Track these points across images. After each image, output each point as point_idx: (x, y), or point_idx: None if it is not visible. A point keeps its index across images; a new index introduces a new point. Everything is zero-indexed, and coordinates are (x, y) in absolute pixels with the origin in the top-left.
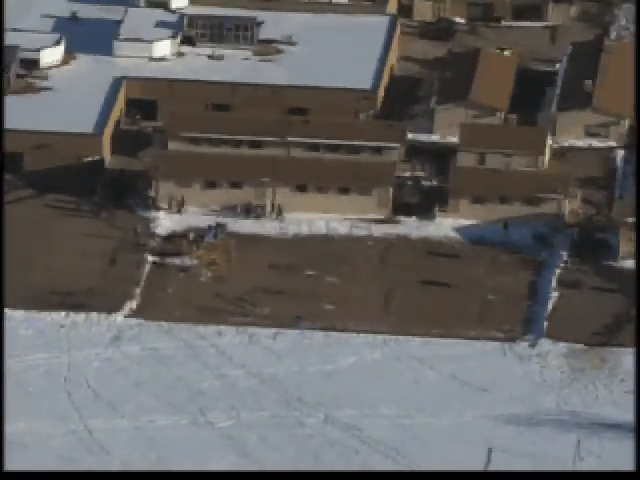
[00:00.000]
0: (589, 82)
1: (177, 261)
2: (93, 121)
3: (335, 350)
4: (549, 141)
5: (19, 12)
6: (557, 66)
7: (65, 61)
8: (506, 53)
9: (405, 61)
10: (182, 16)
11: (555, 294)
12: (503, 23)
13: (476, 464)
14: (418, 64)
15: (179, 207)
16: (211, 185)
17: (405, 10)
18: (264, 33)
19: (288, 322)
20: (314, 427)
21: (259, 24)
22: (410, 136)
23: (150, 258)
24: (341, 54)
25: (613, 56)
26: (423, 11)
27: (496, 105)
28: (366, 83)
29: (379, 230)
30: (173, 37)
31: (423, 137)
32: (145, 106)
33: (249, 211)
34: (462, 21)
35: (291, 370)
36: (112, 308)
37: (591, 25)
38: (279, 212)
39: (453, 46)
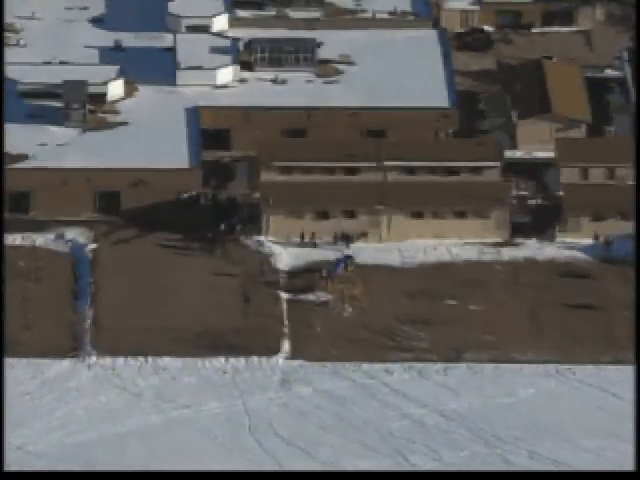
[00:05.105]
0: None
1: (312, 297)
2: (184, 154)
3: (509, 381)
4: None
5: (59, 43)
6: (606, 72)
7: (129, 93)
8: (554, 61)
9: None
10: (235, 40)
11: None
12: (533, 30)
13: None
14: (465, 77)
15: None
16: (323, 215)
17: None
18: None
19: (452, 354)
20: (522, 464)
21: (319, 45)
22: None
23: (284, 295)
24: (403, 70)
25: None
26: (452, 21)
27: (580, 117)
28: (444, 100)
29: (504, 253)
30: (234, 63)
31: (507, 153)
32: (217, 135)
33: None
34: (491, 29)
35: (473, 406)
36: (269, 350)
37: (621, 28)
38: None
39: (492, 56)
